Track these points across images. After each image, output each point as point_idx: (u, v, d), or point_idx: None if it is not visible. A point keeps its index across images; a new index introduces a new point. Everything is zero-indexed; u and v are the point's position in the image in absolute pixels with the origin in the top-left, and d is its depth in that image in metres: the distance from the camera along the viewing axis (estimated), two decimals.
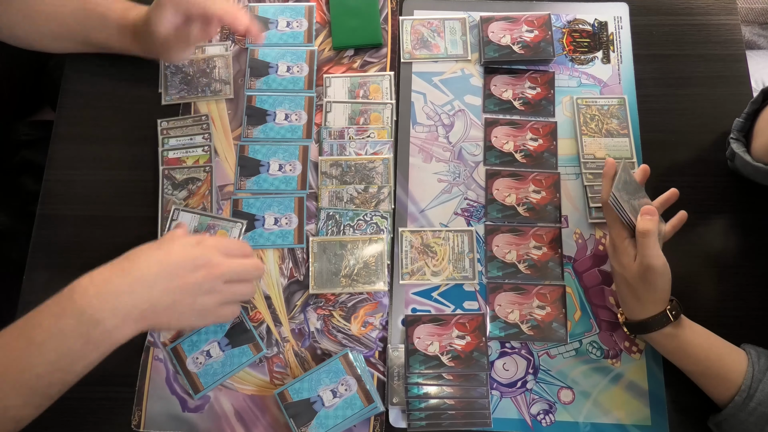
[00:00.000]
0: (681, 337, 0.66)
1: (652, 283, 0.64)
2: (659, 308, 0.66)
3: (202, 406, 0.71)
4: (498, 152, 0.81)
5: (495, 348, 0.73)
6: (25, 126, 1.01)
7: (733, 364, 0.65)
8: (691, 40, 0.85)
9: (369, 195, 0.78)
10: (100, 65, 0.85)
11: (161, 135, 0.81)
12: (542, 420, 0.70)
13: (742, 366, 0.64)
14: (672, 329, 0.66)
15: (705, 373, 0.67)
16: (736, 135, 0.74)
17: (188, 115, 0.82)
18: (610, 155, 0.80)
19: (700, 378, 0.67)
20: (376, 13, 0.86)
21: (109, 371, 0.72)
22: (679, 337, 0.66)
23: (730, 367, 0.65)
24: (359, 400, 0.68)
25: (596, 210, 0.78)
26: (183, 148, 0.80)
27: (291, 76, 0.84)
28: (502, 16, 0.85)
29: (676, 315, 0.66)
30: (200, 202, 0.78)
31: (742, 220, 0.78)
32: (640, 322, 0.67)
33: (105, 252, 0.77)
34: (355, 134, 0.81)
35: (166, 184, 0.78)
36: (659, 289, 0.65)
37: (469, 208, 0.79)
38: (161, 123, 0.81)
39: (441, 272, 0.76)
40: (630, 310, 0.69)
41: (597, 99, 0.82)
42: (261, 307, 0.75)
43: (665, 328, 0.66)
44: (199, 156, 0.80)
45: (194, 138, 0.81)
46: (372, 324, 0.74)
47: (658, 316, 0.66)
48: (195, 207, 0.77)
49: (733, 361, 0.65)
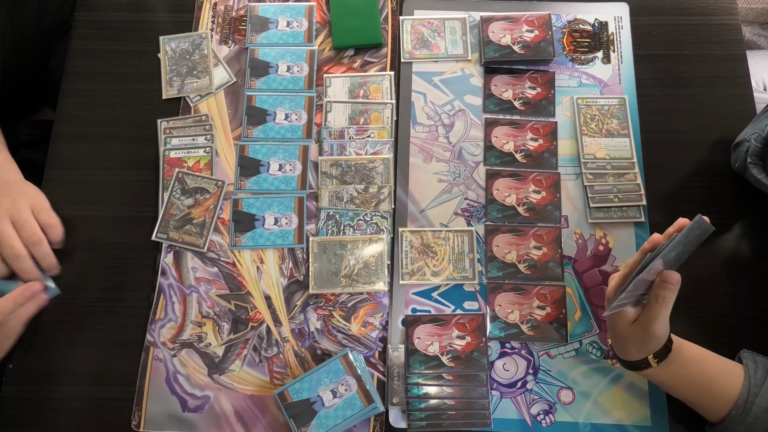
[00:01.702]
0: (664, 375, 0.64)
1: (644, 343, 0.62)
2: (643, 356, 0.64)
3: (202, 407, 0.71)
4: (498, 152, 0.80)
5: (495, 348, 0.73)
6: (25, 126, 1.01)
7: (724, 387, 0.63)
8: (691, 40, 0.85)
9: (369, 195, 0.78)
10: (99, 65, 0.85)
11: (163, 134, 0.81)
12: (542, 420, 0.70)
13: (737, 384, 0.63)
14: (653, 370, 0.64)
15: (694, 402, 0.66)
16: (754, 160, 0.72)
17: (189, 115, 0.82)
18: (610, 155, 0.80)
19: (691, 405, 0.67)
20: (376, 13, 0.86)
21: (109, 371, 0.73)
22: (662, 375, 0.65)
23: (721, 391, 0.63)
24: (359, 401, 0.68)
25: (596, 210, 0.78)
26: (185, 148, 0.80)
27: (291, 75, 0.84)
28: (503, 16, 0.85)
29: (660, 361, 0.63)
30: (202, 215, 0.78)
31: (742, 220, 0.78)
32: (623, 361, 0.66)
33: (105, 251, 0.77)
34: (355, 134, 0.81)
35: (176, 187, 0.78)
36: (650, 348, 0.63)
37: (469, 208, 0.79)
38: (162, 123, 0.81)
39: (441, 272, 0.76)
40: (615, 349, 0.67)
41: (597, 99, 0.82)
42: (261, 307, 0.75)
43: (647, 370, 0.64)
44: (201, 157, 0.80)
45: (196, 139, 0.81)
46: (372, 324, 0.74)
47: (640, 361, 0.64)
48: (197, 218, 0.77)
49: (724, 383, 0.63)
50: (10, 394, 0.72)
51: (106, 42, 0.86)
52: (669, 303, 0.60)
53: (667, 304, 0.60)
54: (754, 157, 0.72)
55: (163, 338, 0.74)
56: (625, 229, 0.77)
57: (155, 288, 0.76)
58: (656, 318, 0.60)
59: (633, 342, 0.63)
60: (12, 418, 0.71)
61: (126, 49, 0.85)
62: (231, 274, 0.76)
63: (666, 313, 0.60)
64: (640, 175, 0.79)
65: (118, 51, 0.86)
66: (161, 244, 0.77)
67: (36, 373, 0.73)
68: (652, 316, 0.60)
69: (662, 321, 0.60)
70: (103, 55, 0.85)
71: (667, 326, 0.62)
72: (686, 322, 0.71)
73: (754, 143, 0.72)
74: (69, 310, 0.75)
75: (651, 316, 0.60)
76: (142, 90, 0.84)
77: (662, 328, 0.61)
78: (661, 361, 0.63)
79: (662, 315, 0.60)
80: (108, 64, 0.85)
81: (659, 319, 0.60)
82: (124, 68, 0.85)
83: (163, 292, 0.76)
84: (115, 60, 0.85)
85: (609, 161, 0.79)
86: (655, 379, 0.66)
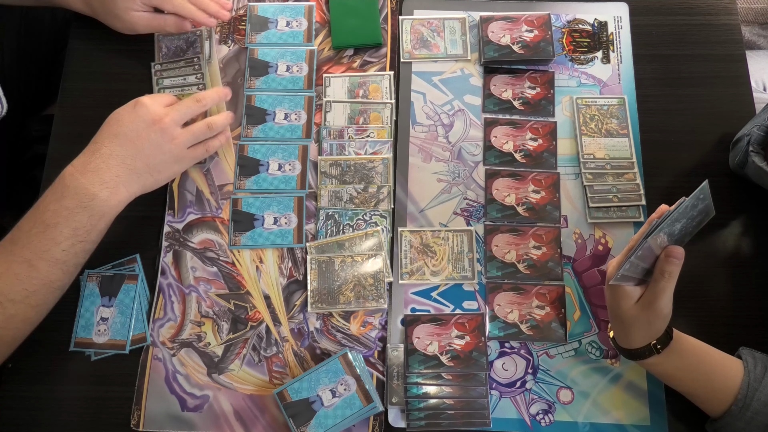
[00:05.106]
0: (666, 364, 0.65)
1: (649, 323, 0.62)
2: (646, 342, 0.64)
3: (201, 406, 0.71)
4: (497, 152, 0.80)
5: (494, 348, 0.73)
6: (35, 121, 1.02)
7: (724, 380, 0.63)
8: (691, 40, 0.85)
9: (368, 195, 0.78)
10: (99, 65, 0.85)
11: (155, 77, 0.84)
12: (541, 420, 0.70)
13: (737, 378, 0.63)
14: (655, 359, 0.64)
15: (694, 394, 0.66)
16: (756, 148, 0.72)
17: (180, 57, 0.85)
18: (609, 155, 0.80)
19: (691, 398, 0.67)
20: (376, 12, 0.86)
21: (109, 371, 0.73)
22: (663, 364, 0.65)
23: (720, 384, 0.63)
24: (358, 400, 0.68)
25: (596, 210, 0.78)
26: (177, 87, 0.83)
27: (290, 75, 0.84)
28: (502, 15, 0.85)
29: (662, 347, 0.64)
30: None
31: (742, 220, 0.78)
32: (625, 349, 0.66)
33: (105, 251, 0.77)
34: (354, 134, 0.81)
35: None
36: (654, 329, 0.63)
37: (469, 207, 0.79)
38: (155, 66, 0.84)
39: (440, 272, 0.76)
40: (617, 337, 0.67)
41: (597, 99, 0.82)
42: (260, 306, 0.75)
43: (649, 358, 0.64)
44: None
45: (187, 78, 0.83)
46: (371, 324, 0.74)
47: (643, 348, 0.64)
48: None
49: (724, 376, 0.64)
50: (10, 394, 0.72)
51: (105, 42, 0.86)
52: (674, 278, 0.61)
53: (673, 279, 0.61)
54: (756, 145, 0.72)
55: (162, 338, 0.74)
56: (624, 228, 0.77)
57: (155, 288, 0.76)
58: (662, 294, 0.61)
59: (638, 324, 0.63)
60: (12, 418, 0.71)
61: (126, 49, 0.85)
62: (230, 274, 0.76)
63: (671, 289, 0.61)
64: (639, 175, 0.79)
65: (118, 51, 0.86)
66: (161, 245, 0.77)
67: (36, 372, 0.73)
68: (658, 292, 0.61)
69: (667, 297, 0.61)
70: (103, 55, 0.85)
71: (671, 305, 0.62)
72: (685, 322, 0.71)
73: (756, 132, 0.72)
74: (69, 310, 0.75)
75: (657, 291, 0.61)
76: (142, 90, 0.83)
77: (667, 305, 0.61)
78: (663, 347, 0.63)
79: (667, 291, 0.61)
80: (108, 64, 0.85)
81: (665, 294, 0.61)
82: (124, 68, 0.85)
83: (163, 291, 0.76)
84: (115, 60, 0.85)
85: (608, 161, 0.79)
86: (656, 369, 0.66)
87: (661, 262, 0.61)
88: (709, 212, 0.64)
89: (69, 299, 0.74)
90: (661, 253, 0.61)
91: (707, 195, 0.61)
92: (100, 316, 0.74)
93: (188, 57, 0.84)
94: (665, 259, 0.61)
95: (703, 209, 0.62)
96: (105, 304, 0.74)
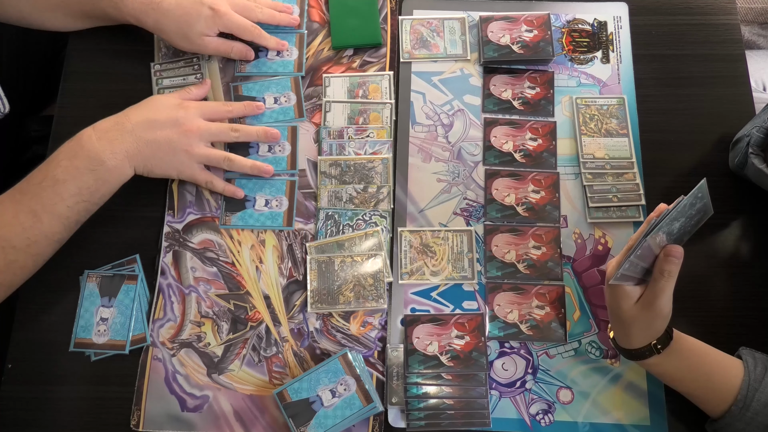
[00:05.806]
0: (666, 364, 0.65)
1: (649, 323, 0.62)
2: (646, 342, 0.64)
3: (201, 406, 0.71)
4: (497, 152, 0.80)
5: (494, 348, 0.73)
6: (35, 122, 1.02)
7: (724, 381, 0.63)
8: (691, 40, 0.85)
9: (368, 195, 0.78)
10: (99, 65, 0.85)
11: (154, 77, 0.84)
12: (541, 420, 0.70)
13: (737, 378, 0.63)
14: (656, 359, 0.64)
15: (694, 394, 0.66)
16: (756, 150, 0.72)
17: (180, 58, 0.85)
18: (609, 155, 0.80)
19: (691, 398, 0.67)
20: (376, 12, 0.86)
21: (109, 371, 0.73)
22: (664, 364, 0.65)
23: (721, 384, 0.63)
24: (358, 400, 0.68)
25: (595, 210, 0.78)
26: (176, 87, 0.83)
27: (281, 60, 0.85)
28: (502, 15, 0.85)
29: (662, 347, 0.64)
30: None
31: (742, 221, 0.78)
32: (625, 350, 0.66)
33: (104, 251, 0.77)
34: (354, 134, 0.81)
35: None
36: (654, 329, 0.63)
37: (469, 207, 0.79)
38: (154, 66, 0.84)
39: (440, 272, 0.76)
40: (617, 337, 0.67)
41: (596, 99, 0.82)
42: (260, 306, 0.75)
43: (649, 359, 0.64)
44: None
45: (187, 78, 0.84)
46: (371, 324, 0.74)
47: (643, 348, 0.64)
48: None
49: (724, 376, 0.64)
50: (10, 394, 0.72)
51: (105, 42, 0.86)
52: (673, 277, 0.61)
53: (672, 279, 0.61)
54: (756, 147, 0.72)
55: (162, 338, 0.74)
56: (624, 228, 0.77)
57: (154, 288, 0.76)
58: (661, 293, 0.61)
59: (638, 324, 0.63)
60: (12, 418, 0.71)
61: (126, 50, 0.85)
62: (230, 274, 0.76)
63: (670, 288, 0.61)
64: (639, 174, 0.79)
65: (118, 51, 0.85)
66: (161, 245, 0.77)
67: (36, 373, 0.73)
68: (657, 291, 0.61)
69: (667, 297, 0.61)
70: (103, 56, 0.85)
71: (671, 304, 0.62)
72: (685, 322, 0.71)
73: (756, 134, 0.72)
74: (69, 310, 0.75)
75: (656, 291, 0.61)
76: (142, 90, 0.83)
77: (667, 305, 0.62)
78: (663, 347, 0.63)
79: (667, 290, 0.61)
80: (108, 64, 0.85)
81: (664, 294, 0.61)
82: (124, 68, 0.85)
83: (162, 292, 0.76)
84: (114, 60, 0.85)
85: (608, 161, 0.79)
86: (656, 369, 0.66)
87: (661, 261, 0.61)
88: (708, 211, 0.64)
89: (69, 300, 0.75)
90: (661, 252, 0.62)
91: (705, 193, 0.61)
92: (99, 317, 0.74)
93: (188, 57, 0.84)
94: (664, 258, 0.61)
95: (702, 208, 0.62)
96: (105, 304, 0.74)
